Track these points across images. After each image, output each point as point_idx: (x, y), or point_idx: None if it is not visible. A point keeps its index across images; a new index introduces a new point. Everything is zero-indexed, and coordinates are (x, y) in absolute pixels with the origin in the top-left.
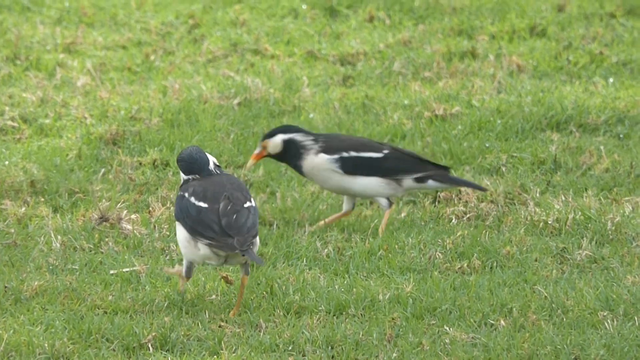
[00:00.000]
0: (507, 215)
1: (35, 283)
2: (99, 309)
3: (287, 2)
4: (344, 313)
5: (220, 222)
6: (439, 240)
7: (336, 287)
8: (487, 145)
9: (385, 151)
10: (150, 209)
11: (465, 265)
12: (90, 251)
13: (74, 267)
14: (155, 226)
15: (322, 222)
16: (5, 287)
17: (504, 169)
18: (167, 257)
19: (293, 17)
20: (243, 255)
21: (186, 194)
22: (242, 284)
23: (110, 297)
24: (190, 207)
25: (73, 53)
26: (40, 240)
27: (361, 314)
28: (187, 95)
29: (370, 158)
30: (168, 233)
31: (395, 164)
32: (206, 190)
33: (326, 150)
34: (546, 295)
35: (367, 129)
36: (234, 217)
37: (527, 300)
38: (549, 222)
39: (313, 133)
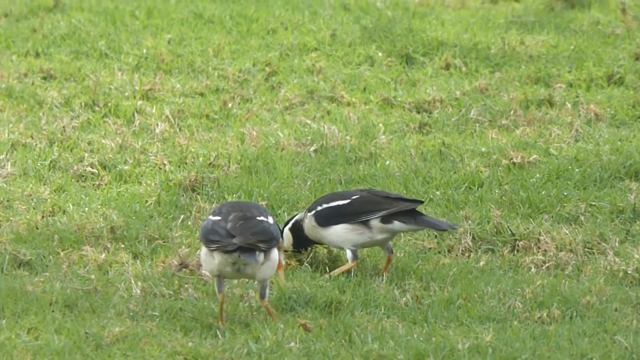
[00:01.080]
0: (586, 264)
1: (116, 329)
2: (179, 355)
3: (363, 49)
4: None
5: (226, 227)
6: (518, 290)
7: (415, 335)
8: (565, 193)
9: (355, 197)
10: None
11: (545, 314)
12: (170, 297)
13: (154, 313)
14: None
15: (337, 271)
16: (86, 333)
17: (582, 217)
18: (247, 304)
19: (369, 64)
20: (239, 257)
21: (210, 215)
22: (262, 305)
23: (190, 344)
24: (207, 224)
25: (151, 100)
26: (120, 286)
27: None
28: (264, 142)
29: (337, 206)
30: (247, 280)
31: (359, 207)
32: (223, 208)
33: (310, 209)
34: (626, 345)
35: (444, 176)
36: (240, 222)
37: (607, 351)
38: (629, 272)
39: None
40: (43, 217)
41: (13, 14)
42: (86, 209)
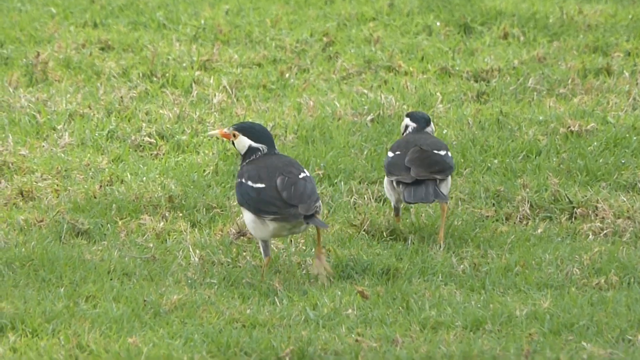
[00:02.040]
0: None
1: (174, 297)
2: (237, 322)
3: (421, 19)
4: (480, 329)
5: (282, 196)
6: (576, 257)
7: (472, 303)
8: (622, 161)
9: (398, 153)
10: None
11: (603, 281)
12: (228, 265)
13: (212, 281)
14: (291, 240)
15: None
16: (145, 300)
17: None
18: (304, 272)
19: (427, 34)
20: (307, 223)
21: (243, 180)
22: (318, 236)
23: (248, 311)
24: (250, 191)
25: (209, 70)
26: (178, 254)
27: (498, 330)
28: (321, 112)
29: (390, 157)
30: (304, 247)
31: (389, 166)
32: (260, 172)
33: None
34: None
35: (502, 145)
36: (292, 188)
37: None
38: None
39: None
40: (101, 186)
41: None
42: (144, 178)
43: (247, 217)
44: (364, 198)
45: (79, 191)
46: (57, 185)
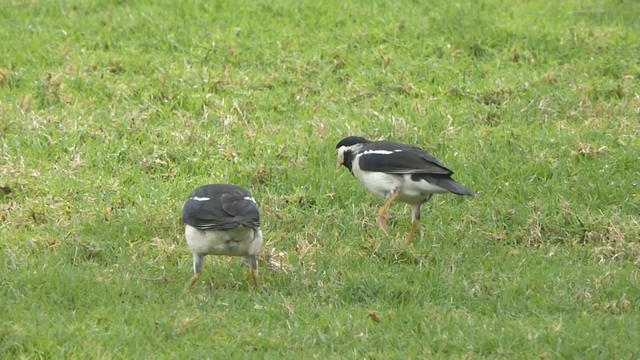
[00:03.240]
0: None
1: (186, 319)
2: (248, 345)
3: (431, 41)
4: (492, 352)
5: (222, 207)
6: (588, 280)
7: (484, 326)
8: (634, 184)
9: (398, 150)
10: (297, 246)
11: (614, 304)
12: (239, 288)
13: (223, 303)
14: (302, 263)
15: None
16: (156, 323)
17: None
18: (315, 294)
19: (437, 56)
20: (244, 226)
21: (191, 197)
22: (253, 276)
23: (259, 334)
24: (194, 205)
25: (220, 92)
26: (189, 277)
27: (510, 354)
28: (332, 134)
29: (380, 154)
30: (315, 270)
31: (397, 160)
32: (207, 190)
33: (360, 151)
34: None
35: (513, 167)
36: (234, 203)
37: None
38: None
39: (368, 142)
40: (112, 208)
41: (82, 6)
42: (155, 200)
43: (188, 230)
44: (375, 221)
45: (91, 213)
46: (69, 207)
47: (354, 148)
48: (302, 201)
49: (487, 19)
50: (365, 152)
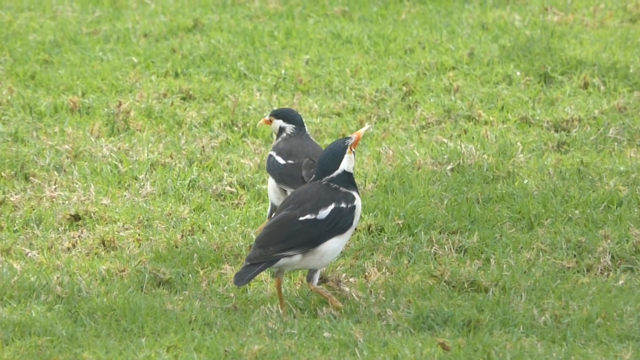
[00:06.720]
0: None
1: (255, 347)
2: None
3: (501, 68)
4: None
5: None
6: None
7: (554, 354)
8: None
9: (290, 161)
10: (366, 273)
11: None
12: (309, 315)
13: (292, 331)
14: (371, 291)
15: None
16: (226, 351)
17: None
18: (384, 322)
19: (507, 83)
20: None
21: (274, 153)
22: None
23: None
24: (275, 163)
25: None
26: (259, 305)
27: None
28: (400, 161)
29: (275, 161)
30: (384, 298)
31: (283, 175)
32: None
33: (277, 144)
34: None
35: (583, 195)
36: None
37: None
38: None
39: (300, 129)
40: (182, 236)
41: (152, 34)
42: (225, 227)
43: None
44: (445, 248)
45: (161, 241)
46: (139, 234)
47: (288, 130)
48: (370, 229)
49: (556, 46)
50: (273, 151)
